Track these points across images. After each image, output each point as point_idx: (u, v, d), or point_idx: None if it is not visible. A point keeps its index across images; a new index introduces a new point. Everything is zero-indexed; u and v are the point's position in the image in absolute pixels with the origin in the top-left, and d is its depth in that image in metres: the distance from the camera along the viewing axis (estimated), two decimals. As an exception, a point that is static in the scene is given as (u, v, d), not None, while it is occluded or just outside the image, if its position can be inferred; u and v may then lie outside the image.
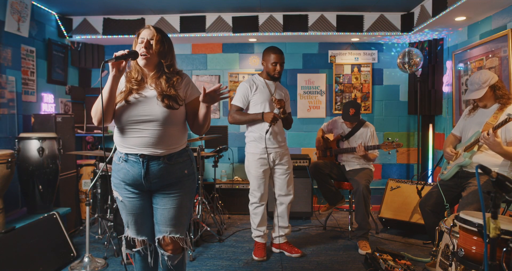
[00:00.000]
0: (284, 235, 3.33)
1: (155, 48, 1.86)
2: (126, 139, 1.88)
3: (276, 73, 3.16)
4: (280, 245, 3.34)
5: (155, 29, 1.89)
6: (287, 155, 3.28)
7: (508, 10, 3.29)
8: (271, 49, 3.18)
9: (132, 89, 1.88)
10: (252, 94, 3.18)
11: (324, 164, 3.70)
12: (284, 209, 3.29)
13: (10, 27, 3.42)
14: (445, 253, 2.07)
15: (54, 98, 4.27)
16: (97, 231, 3.70)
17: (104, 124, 1.84)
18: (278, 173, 3.24)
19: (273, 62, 3.13)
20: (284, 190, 3.25)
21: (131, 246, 2.07)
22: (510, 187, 1.38)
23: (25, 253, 2.72)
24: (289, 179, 3.27)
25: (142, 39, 1.87)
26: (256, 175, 3.19)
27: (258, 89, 3.19)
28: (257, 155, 3.18)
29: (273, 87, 3.23)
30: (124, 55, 1.76)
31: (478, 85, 2.73)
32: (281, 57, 3.15)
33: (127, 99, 1.86)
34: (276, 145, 3.19)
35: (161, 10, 4.34)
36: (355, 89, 4.97)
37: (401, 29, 4.40)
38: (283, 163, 3.24)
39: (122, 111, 1.87)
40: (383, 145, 3.53)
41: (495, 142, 2.51)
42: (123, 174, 1.92)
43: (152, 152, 1.86)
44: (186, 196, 1.98)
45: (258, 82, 3.23)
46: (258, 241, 3.28)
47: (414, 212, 3.78)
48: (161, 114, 1.85)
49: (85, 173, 4.17)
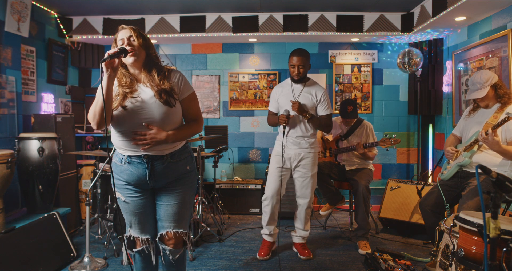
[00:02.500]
0: (299, 236, 3.33)
1: (138, 42, 1.86)
2: (128, 142, 1.89)
3: (294, 75, 3.16)
4: (295, 245, 3.38)
5: (130, 28, 1.89)
6: (309, 159, 3.19)
7: (508, 10, 3.29)
8: (292, 51, 3.16)
9: (126, 93, 1.87)
10: (278, 97, 3.26)
11: (324, 164, 3.70)
12: (301, 210, 3.29)
13: (10, 27, 3.42)
14: (445, 253, 2.07)
15: (54, 98, 4.27)
16: (97, 231, 3.70)
17: (104, 126, 1.84)
18: (296, 175, 3.25)
19: (291, 65, 3.16)
20: (300, 192, 3.26)
21: (131, 246, 2.08)
22: (510, 187, 1.38)
23: (25, 253, 2.72)
24: (307, 182, 3.21)
25: (122, 40, 1.86)
26: (270, 172, 3.26)
27: (283, 92, 3.24)
28: (276, 152, 3.27)
29: (299, 89, 3.20)
30: (116, 52, 1.76)
31: (480, 85, 2.73)
32: (299, 59, 3.10)
33: (123, 105, 1.85)
34: (296, 146, 3.18)
35: (161, 10, 4.34)
36: (355, 89, 4.97)
37: (401, 29, 4.41)
38: (302, 166, 3.21)
39: (122, 117, 1.87)
40: (381, 142, 3.55)
41: (494, 141, 2.52)
42: (127, 175, 1.93)
43: (155, 152, 1.89)
44: (188, 191, 2.03)
45: (285, 85, 3.28)
46: (265, 238, 3.33)
47: (414, 212, 3.78)
48: (159, 115, 1.86)
49: (85, 173, 4.17)
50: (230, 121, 5.03)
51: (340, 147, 3.78)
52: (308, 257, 3.23)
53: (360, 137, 3.73)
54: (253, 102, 5.01)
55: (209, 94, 5.02)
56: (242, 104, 5.02)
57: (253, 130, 5.05)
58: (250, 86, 5.01)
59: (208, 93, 5.02)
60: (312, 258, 3.24)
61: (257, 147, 5.06)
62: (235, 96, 5.01)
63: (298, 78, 3.16)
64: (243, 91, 5.01)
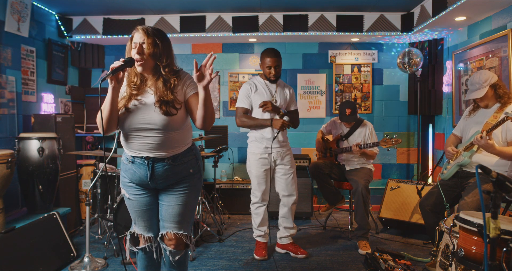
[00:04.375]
0: (289, 235, 3.33)
1: (148, 51, 1.80)
2: (131, 144, 1.92)
3: (271, 76, 3.16)
4: (285, 246, 3.35)
5: (145, 32, 1.81)
6: (289, 155, 3.27)
7: (508, 10, 3.29)
8: (265, 52, 3.16)
9: (131, 95, 1.87)
10: (252, 95, 3.19)
11: (324, 164, 3.70)
12: (287, 210, 3.28)
13: (10, 27, 3.42)
14: (445, 253, 2.07)
15: (54, 98, 4.27)
16: (97, 231, 3.70)
17: (110, 131, 1.86)
18: (280, 173, 3.23)
19: (267, 66, 3.14)
20: (287, 190, 3.23)
21: (135, 243, 2.09)
22: (510, 187, 1.38)
23: (25, 253, 2.72)
24: (292, 179, 3.25)
25: (135, 44, 1.82)
26: (256, 175, 3.20)
27: (258, 90, 3.20)
28: (258, 154, 3.18)
29: (274, 87, 3.23)
30: (120, 66, 1.72)
31: (479, 85, 2.74)
32: (275, 60, 3.12)
33: (127, 106, 1.86)
34: (277, 145, 3.19)
35: (161, 10, 4.34)
36: (355, 89, 4.97)
37: (401, 29, 4.40)
38: (284, 163, 3.23)
39: (124, 118, 1.88)
40: (382, 142, 3.54)
41: (488, 144, 2.54)
42: (131, 175, 1.97)
43: (156, 155, 1.90)
44: (191, 194, 2.02)
45: (257, 83, 3.24)
46: (259, 240, 3.29)
47: (414, 212, 3.78)
48: (160, 122, 1.83)
49: (85, 173, 4.17)
50: (230, 121, 5.03)
51: (341, 147, 3.78)
52: (306, 255, 3.24)
53: (361, 137, 3.72)
54: (253, 102, 5.01)
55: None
56: (242, 104, 5.02)
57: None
58: (250, 86, 5.00)
59: (208, 93, 5.01)
60: (308, 255, 3.25)
61: (257, 147, 5.05)
62: (235, 96, 5.01)
63: (275, 79, 3.19)
64: (243, 91, 5.01)
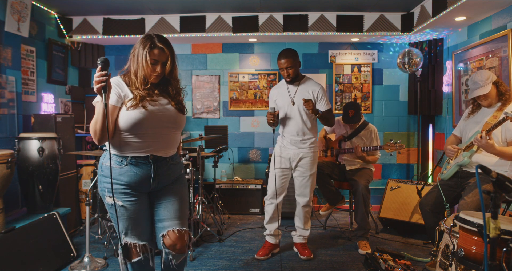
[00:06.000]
0: (299, 235, 3.35)
1: (168, 69, 1.91)
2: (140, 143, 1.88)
3: (286, 77, 3.17)
4: (295, 244, 3.39)
5: (168, 50, 1.88)
6: (308, 158, 3.20)
7: (508, 10, 3.29)
8: (279, 54, 3.15)
9: (143, 97, 1.87)
10: (275, 98, 3.29)
11: (324, 164, 3.70)
12: (299, 209, 3.31)
13: (10, 27, 3.42)
14: (445, 253, 2.06)
15: (54, 98, 4.27)
16: (97, 231, 3.70)
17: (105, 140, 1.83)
18: (296, 174, 3.27)
19: (280, 68, 3.17)
20: (299, 191, 3.28)
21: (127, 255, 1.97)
22: (510, 187, 1.38)
23: (25, 253, 2.72)
24: (306, 182, 3.23)
25: (156, 61, 1.87)
26: (271, 172, 3.28)
27: (280, 94, 3.27)
28: (277, 152, 3.29)
29: (294, 89, 3.20)
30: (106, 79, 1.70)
31: (482, 82, 2.74)
32: (285, 61, 3.09)
33: (144, 106, 1.86)
34: (295, 147, 3.20)
35: (161, 10, 4.34)
36: (355, 89, 4.97)
37: (401, 29, 4.40)
38: (301, 166, 3.22)
39: (141, 118, 1.85)
40: (386, 146, 3.53)
41: (488, 144, 2.54)
42: (129, 177, 1.90)
43: (163, 154, 1.96)
44: (184, 189, 2.11)
45: (282, 86, 3.30)
46: (266, 240, 3.34)
47: (414, 212, 3.78)
48: (179, 120, 1.98)
49: (85, 173, 4.17)
50: (230, 121, 5.03)
51: (343, 148, 3.77)
52: (308, 257, 3.22)
53: (364, 140, 3.72)
54: (253, 102, 5.01)
55: (209, 94, 5.02)
56: (242, 104, 5.02)
57: (253, 130, 5.05)
58: (250, 86, 5.01)
59: (208, 93, 5.02)
60: (312, 258, 3.24)
61: (257, 147, 5.06)
62: (235, 96, 5.01)
63: (290, 80, 3.17)
64: (243, 91, 5.01)
